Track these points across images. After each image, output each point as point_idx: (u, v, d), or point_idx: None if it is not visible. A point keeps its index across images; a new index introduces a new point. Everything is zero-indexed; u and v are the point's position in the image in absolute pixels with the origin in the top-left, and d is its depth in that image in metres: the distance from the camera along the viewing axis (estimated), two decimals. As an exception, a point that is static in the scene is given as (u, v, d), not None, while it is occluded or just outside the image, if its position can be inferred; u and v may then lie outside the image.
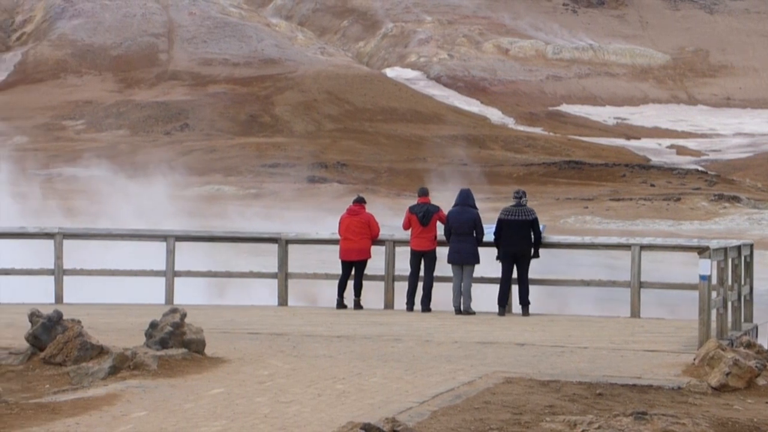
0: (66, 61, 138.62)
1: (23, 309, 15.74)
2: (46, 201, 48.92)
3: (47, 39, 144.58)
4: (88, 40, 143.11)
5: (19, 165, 71.51)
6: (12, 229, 19.88)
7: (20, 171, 70.64)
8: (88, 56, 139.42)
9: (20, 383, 10.85)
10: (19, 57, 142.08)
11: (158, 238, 19.45)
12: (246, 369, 11.28)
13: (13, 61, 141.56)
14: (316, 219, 44.70)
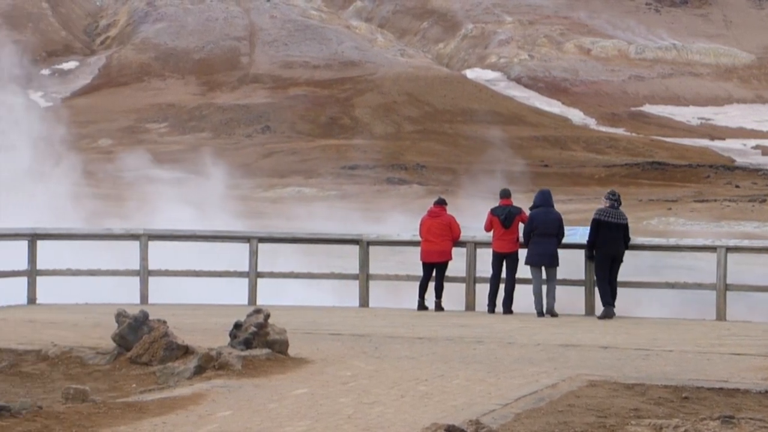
0: (149, 65, 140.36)
1: (109, 309, 15.98)
2: (130, 202, 49.48)
3: (131, 43, 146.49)
4: (171, 44, 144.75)
5: (103, 167, 72.53)
6: (98, 231, 20.18)
7: (105, 173, 71.66)
8: (171, 60, 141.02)
9: (107, 383, 11.01)
10: (104, 61, 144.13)
11: (241, 240, 19.62)
12: (329, 370, 11.32)
13: (97, 64, 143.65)
14: (396, 221, 44.73)
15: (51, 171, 42.09)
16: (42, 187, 38.66)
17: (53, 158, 44.11)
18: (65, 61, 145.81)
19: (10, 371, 11.74)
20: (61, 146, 46.66)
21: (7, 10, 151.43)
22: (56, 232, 19.61)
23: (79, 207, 35.64)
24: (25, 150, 45.07)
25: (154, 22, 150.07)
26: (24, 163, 41.80)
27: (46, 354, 12.19)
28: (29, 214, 28.35)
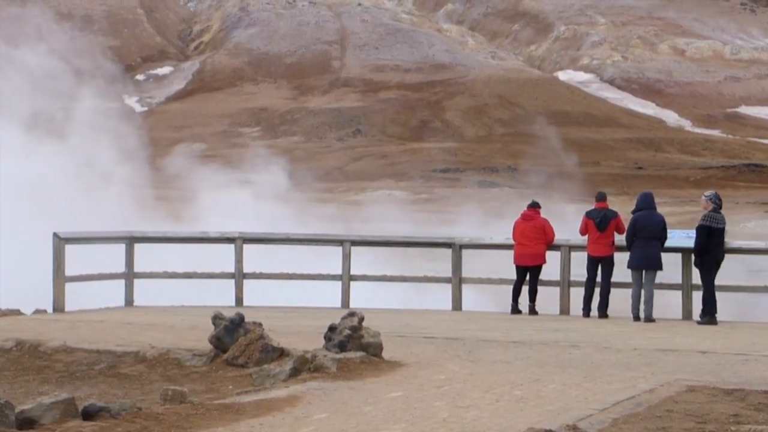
0: (242, 70, 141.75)
1: (205, 311, 16.16)
2: (224, 205, 49.91)
3: (224, 48, 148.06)
4: (264, 49, 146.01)
5: (198, 171, 73.27)
6: (194, 234, 20.41)
7: (200, 177, 72.39)
8: (263, 64, 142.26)
9: (204, 384, 11.12)
10: (197, 66, 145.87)
11: (334, 243, 19.69)
12: (423, 373, 11.30)
13: (191, 70, 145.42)
14: (488, 224, 44.56)
15: (146, 175, 42.67)
16: (139, 191, 39.22)
17: (148, 162, 44.74)
18: (160, 67, 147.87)
19: (109, 372, 11.93)
20: (155, 150, 47.32)
21: (103, 16, 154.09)
22: (153, 235, 19.87)
23: (174, 210, 36.09)
24: (121, 154, 45.75)
25: (246, 27, 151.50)
26: (121, 167, 42.45)
27: (144, 355, 12.37)
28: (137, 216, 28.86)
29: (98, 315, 16.95)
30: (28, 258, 24.71)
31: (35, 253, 23.09)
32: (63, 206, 36.60)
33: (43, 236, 19.58)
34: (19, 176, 41.26)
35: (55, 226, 20.29)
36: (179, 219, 35.68)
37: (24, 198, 37.38)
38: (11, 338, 13.22)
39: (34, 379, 11.63)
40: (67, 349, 12.71)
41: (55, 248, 17.69)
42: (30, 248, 25.52)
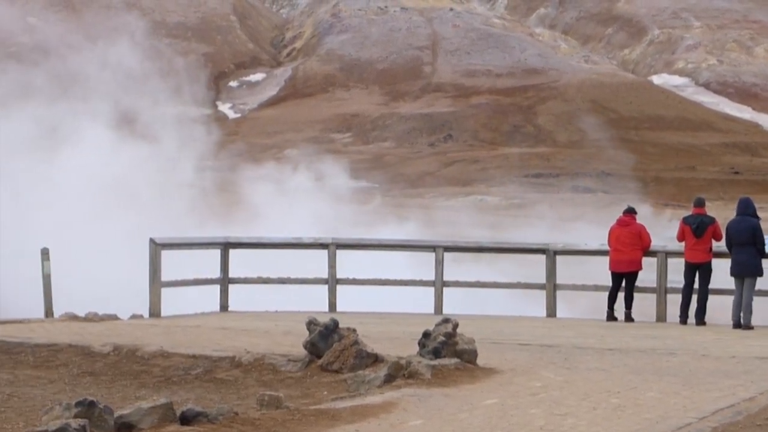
0: (334, 76, 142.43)
1: (299, 317, 16.24)
2: (318, 212, 50.17)
3: (316, 54, 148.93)
4: (355, 55, 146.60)
5: (289, 176, 73.74)
6: (288, 240, 20.53)
7: (291, 182, 72.85)
8: (355, 70, 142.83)
9: (300, 389, 11.17)
10: (290, 72, 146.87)
11: (427, 249, 19.68)
12: (518, 380, 11.23)
13: (283, 76, 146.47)
14: (581, 229, 44.18)
15: (241, 181, 43.06)
16: (234, 196, 39.60)
17: (240, 168, 45.15)
18: (252, 73, 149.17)
19: (206, 377, 12.03)
20: (249, 156, 47.75)
21: (197, 23, 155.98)
22: (247, 240, 20.03)
23: (261, 214, 36.37)
24: (214, 160, 46.26)
25: (338, 34, 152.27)
26: (213, 173, 42.91)
27: (240, 361, 12.46)
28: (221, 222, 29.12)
29: (194, 320, 17.13)
30: (124, 263, 25.07)
31: (131, 258, 23.42)
32: (157, 211, 37.12)
33: (139, 241, 19.84)
34: (113, 181, 41.83)
35: (149, 230, 20.58)
36: (266, 223, 35.97)
37: (121, 205, 37.93)
38: (109, 343, 13.41)
39: (132, 384, 11.77)
40: (164, 354, 12.85)
41: (152, 254, 17.90)
42: (127, 254, 25.90)
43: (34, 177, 40.69)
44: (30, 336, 14.19)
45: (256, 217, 36.53)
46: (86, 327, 15.68)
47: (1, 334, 14.38)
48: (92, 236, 32.08)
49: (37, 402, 10.51)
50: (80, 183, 40.91)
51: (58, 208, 37.24)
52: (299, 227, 32.21)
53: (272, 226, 34.37)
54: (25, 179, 40.57)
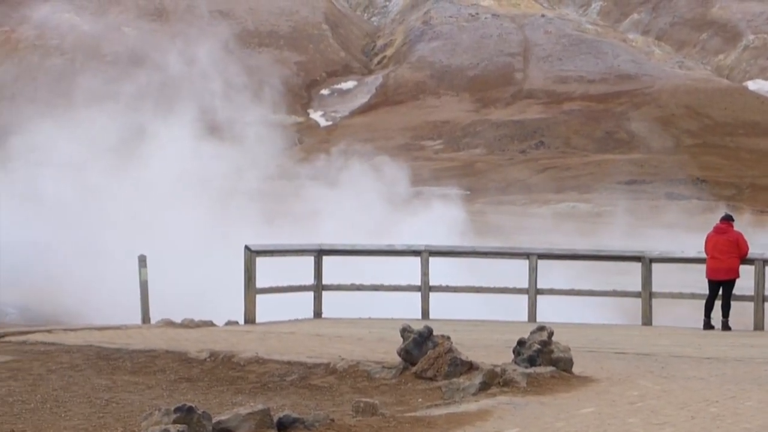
0: (425, 83, 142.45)
1: (391, 324, 16.27)
2: (408, 219, 50.20)
3: (407, 62, 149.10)
4: (446, 62, 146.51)
5: (383, 184, 73.90)
6: (380, 247, 20.57)
7: (386, 190, 73.01)
8: (446, 77, 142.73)
9: (394, 396, 11.17)
10: (380, 80, 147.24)
11: (521, 256, 19.57)
12: (615, 389, 11.11)
13: (374, 84, 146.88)
14: (676, 237, 43.68)
15: (328, 187, 43.26)
16: (326, 204, 39.76)
17: (331, 175, 45.34)
18: (344, 81, 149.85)
19: (301, 384, 12.08)
20: (339, 163, 47.89)
21: (289, 32, 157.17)
22: (341, 247, 20.11)
23: (351, 221, 36.52)
24: (307, 168, 46.53)
25: (429, 41, 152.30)
26: (308, 181, 43.15)
27: (334, 367, 12.49)
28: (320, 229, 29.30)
29: (288, 327, 17.23)
30: (218, 270, 25.34)
31: (225, 264, 23.66)
32: (249, 218, 37.48)
33: (233, 248, 20.04)
34: (205, 188, 42.26)
35: (242, 237, 20.77)
36: (358, 231, 36.10)
37: (215, 212, 38.32)
38: (205, 349, 13.54)
39: (228, 390, 11.87)
40: (259, 360, 12.93)
41: (247, 261, 18.06)
42: (221, 260, 26.17)
43: (126, 183, 41.33)
44: (128, 342, 14.40)
45: (347, 224, 36.68)
46: (182, 333, 15.87)
47: (100, 340, 14.61)
48: (187, 243, 32.49)
49: (136, 407, 10.65)
50: (173, 190, 41.49)
51: (154, 214, 37.81)
52: (392, 236, 32.28)
53: (364, 233, 34.54)
54: (116, 185, 41.21)
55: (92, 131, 48.96)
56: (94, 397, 11.14)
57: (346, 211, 40.15)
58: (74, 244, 38.16)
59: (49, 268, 37.57)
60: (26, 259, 40.39)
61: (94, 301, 31.04)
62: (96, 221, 39.45)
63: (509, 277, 20.46)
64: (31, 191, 46.25)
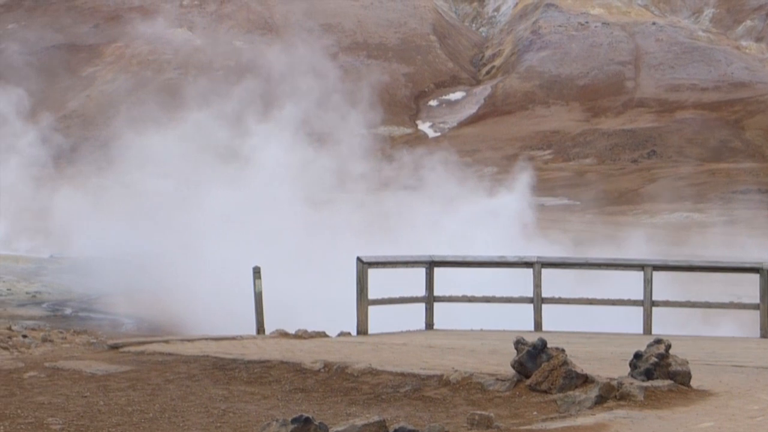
0: (534, 93, 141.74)
1: (503, 336, 16.20)
2: (517, 230, 50.00)
3: (515, 72, 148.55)
4: (555, 71, 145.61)
5: (489, 194, 73.69)
6: (492, 258, 20.48)
7: (488, 200, 72.83)
8: (555, 87, 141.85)
9: (508, 409, 11.11)
10: (489, 90, 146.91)
11: (635, 268, 19.32)
12: (734, 403, 10.90)
13: (483, 94, 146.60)
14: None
15: (441, 199, 43.25)
16: (435, 215, 39.79)
17: (440, 186, 45.33)
18: (452, 92, 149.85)
19: (414, 395, 12.08)
20: (447, 174, 47.86)
21: (397, 44, 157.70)
22: (452, 259, 20.07)
23: (474, 230, 36.50)
24: (412, 179, 46.55)
25: (538, 50, 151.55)
26: (415, 192, 43.20)
27: (448, 379, 12.46)
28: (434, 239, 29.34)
29: (400, 338, 17.26)
30: (330, 280, 25.50)
31: (337, 275, 23.79)
32: (358, 228, 37.66)
33: (344, 259, 20.14)
34: (315, 199, 42.59)
35: (352, 248, 20.85)
36: (468, 242, 36.04)
37: (326, 224, 38.58)
38: (319, 360, 13.61)
39: (342, 401, 11.92)
40: (373, 372, 12.96)
41: (359, 272, 18.13)
42: (332, 271, 26.33)
43: (236, 194, 41.84)
44: (243, 352, 14.55)
45: (458, 235, 36.67)
46: (296, 344, 15.99)
47: (216, 350, 14.80)
48: (299, 254, 32.74)
49: (252, 417, 10.76)
50: (281, 200, 41.89)
51: (267, 225, 38.20)
52: (501, 246, 32.15)
53: (475, 244, 34.48)
54: (227, 195, 41.72)
55: (202, 142, 49.73)
56: (211, 407, 11.29)
57: (455, 222, 40.14)
58: (186, 254, 38.79)
59: (163, 278, 38.24)
60: (140, 269, 41.18)
61: (207, 311, 31.49)
62: (208, 231, 40.05)
63: (617, 288, 20.23)
64: (145, 202, 47.17)
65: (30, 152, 68.22)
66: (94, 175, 58.77)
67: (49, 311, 37.62)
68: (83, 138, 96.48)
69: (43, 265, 53.24)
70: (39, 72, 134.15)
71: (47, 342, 19.27)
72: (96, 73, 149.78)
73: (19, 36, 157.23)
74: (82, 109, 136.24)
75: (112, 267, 44.72)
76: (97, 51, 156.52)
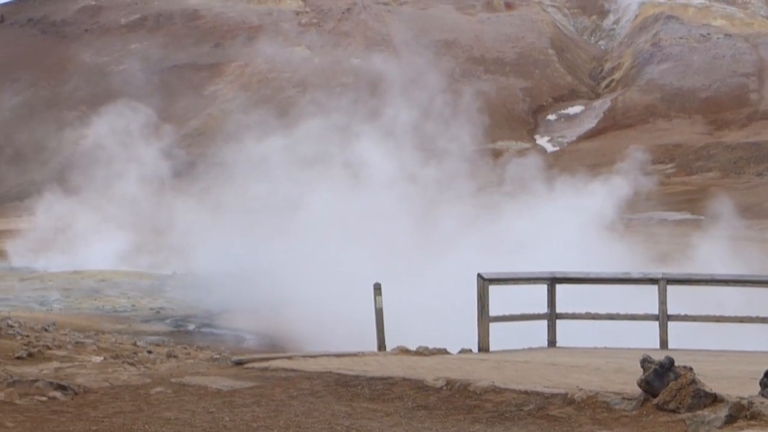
0: (654, 106, 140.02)
1: (629, 354, 15.92)
2: (638, 245, 49.40)
3: (635, 85, 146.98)
4: (677, 84, 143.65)
5: (605, 210, 72.88)
6: (616, 275, 20.19)
7: (615, 216, 71.99)
8: (676, 99, 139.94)
9: (635, 428, 10.91)
10: (608, 104, 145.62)
11: (764, 285, 18.85)
12: None
13: (602, 108, 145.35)
14: None
15: (560, 214, 42.89)
16: (553, 230, 39.49)
17: (560, 200, 44.97)
18: (571, 106, 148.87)
19: (538, 414, 11.93)
20: (565, 188, 47.43)
21: (515, 58, 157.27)
22: (574, 276, 19.83)
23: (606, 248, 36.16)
24: (529, 195, 46.22)
25: (658, 63, 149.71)
26: (534, 208, 42.90)
27: (572, 398, 12.28)
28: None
29: (522, 355, 17.09)
30: (451, 297, 25.42)
31: (456, 292, 23.70)
32: (476, 244, 37.51)
33: (466, 276, 20.03)
34: (434, 215, 42.55)
35: (471, 264, 20.72)
36: (586, 256, 35.64)
37: (444, 239, 38.55)
38: (441, 377, 13.53)
39: (465, 419, 11.83)
40: (496, 389, 12.84)
41: (480, 289, 18.03)
42: (452, 287, 26.24)
43: (353, 209, 42.02)
44: (365, 369, 14.54)
45: (577, 251, 36.29)
46: (418, 361, 15.93)
47: (338, 366, 14.82)
48: (419, 270, 32.77)
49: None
50: (396, 215, 41.95)
51: (384, 239, 38.29)
52: (622, 261, 31.73)
53: (595, 260, 34.07)
54: (345, 211, 41.95)
55: (319, 158, 50.09)
56: (334, 423, 11.30)
57: (574, 237, 39.76)
58: (303, 268, 39.10)
59: (281, 293, 38.60)
60: (259, 284, 41.65)
61: (325, 326, 31.67)
62: (326, 244, 40.31)
63: (740, 305, 19.79)
64: (262, 217, 47.71)
65: (152, 168, 69.68)
66: (213, 192, 59.76)
67: (172, 327, 38.27)
68: (203, 155, 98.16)
69: (166, 281, 54.26)
70: (161, 90, 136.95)
71: (172, 357, 19.54)
72: (217, 91, 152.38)
73: (142, 55, 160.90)
74: (203, 126, 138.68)
75: (232, 282, 45.38)
76: (218, 70, 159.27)
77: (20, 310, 39.44)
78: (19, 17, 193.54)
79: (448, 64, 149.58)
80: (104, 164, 70.81)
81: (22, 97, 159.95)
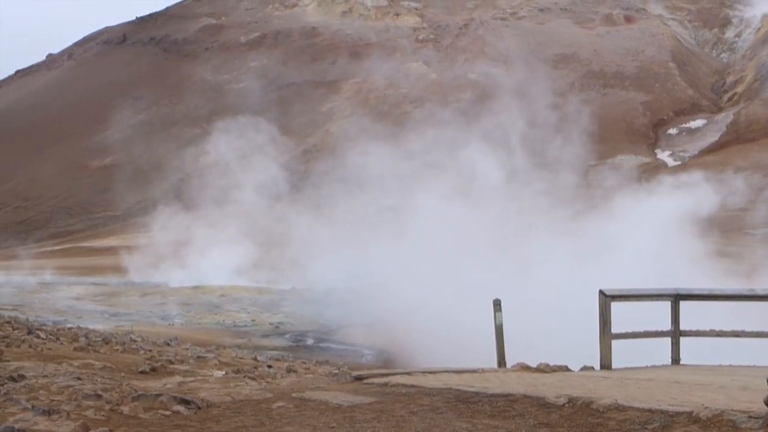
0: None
1: (755, 372, 15.58)
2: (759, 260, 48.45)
3: (759, 98, 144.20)
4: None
5: (734, 225, 71.68)
6: (741, 291, 19.76)
7: (736, 230, 70.76)
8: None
9: (765, 450, 10.66)
10: (731, 117, 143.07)
11: None
12: None
13: (725, 121, 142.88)
14: None
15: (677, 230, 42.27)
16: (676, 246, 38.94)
17: (680, 213, 44.28)
18: (692, 120, 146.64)
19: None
20: (686, 202, 46.67)
21: (635, 72, 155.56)
22: (698, 292, 19.46)
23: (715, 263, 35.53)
24: (646, 208, 45.58)
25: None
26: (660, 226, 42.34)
27: (698, 416, 12.05)
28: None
29: (645, 373, 16.82)
30: (572, 314, 25.18)
31: (577, 308, 23.47)
32: (599, 261, 37.09)
33: (587, 292, 19.82)
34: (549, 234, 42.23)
35: (590, 281, 20.47)
36: (712, 272, 35.02)
37: (565, 255, 38.24)
38: (563, 395, 13.39)
39: (588, 437, 11.69)
40: (619, 407, 12.66)
41: (601, 306, 17.81)
42: (572, 303, 26.01)
43: (472, 225, 41.88)
44: (485, 386, 14.46)
45: (700, 266, 35.72)
46: (538, 378, 15.79)
47: (458, 383, 14.76)
48: (540, 286, 32.53)
49: (497, 452, 10.66)
50: (517, 230, 41.73)
51: (503, 252, 38.12)
52: (751, 279, 31.08)
53: (716, 274, 33.47)
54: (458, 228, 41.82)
55: (431, 171, 50.08)
56: (455, 440, 11.26)
57: (698, 253, 39.13)
58: (418, 282, 39.12)
59: (399, 308, 38.65)
60: (376, 299, 41.79)
61: (442, 341, 31.61)
62: (443, 259, 40.29)
63: None
64: (378, 234, 47.85)
65: (271, 184, 70.48)
66: (331, 206, 60.26)
67: (291, 342, 38.60)
68: (322, 171, 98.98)
69: (285, 295, 54.77)
70: (279, 107, 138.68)
71: (291, 372, 19.69)
72: (335, 108, 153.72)
73: (261, 73, 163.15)
74: (321, 143, 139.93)
75: (349, 296, 45.63)
76: (335, 86, 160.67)
77: (143, 325, 40.20)
78: (141, 36, 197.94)
79: (567, 78, 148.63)
80: (223, 180, 71.92)
81: (144, 116, 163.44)
